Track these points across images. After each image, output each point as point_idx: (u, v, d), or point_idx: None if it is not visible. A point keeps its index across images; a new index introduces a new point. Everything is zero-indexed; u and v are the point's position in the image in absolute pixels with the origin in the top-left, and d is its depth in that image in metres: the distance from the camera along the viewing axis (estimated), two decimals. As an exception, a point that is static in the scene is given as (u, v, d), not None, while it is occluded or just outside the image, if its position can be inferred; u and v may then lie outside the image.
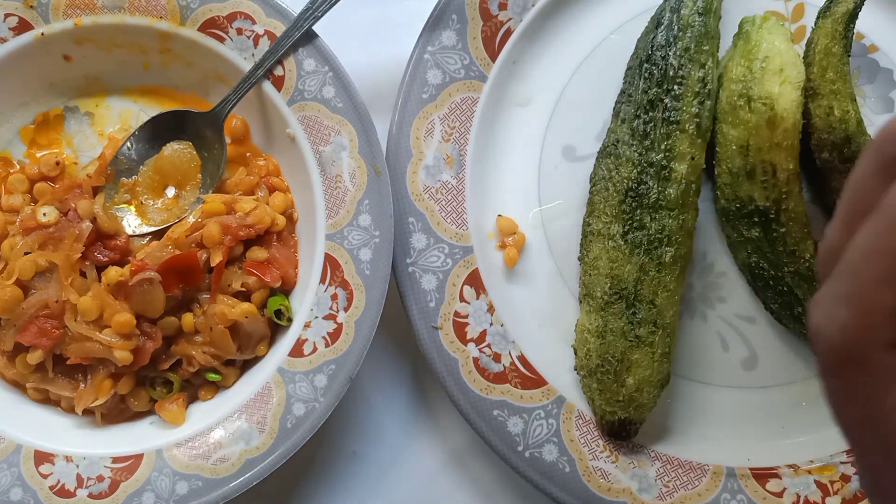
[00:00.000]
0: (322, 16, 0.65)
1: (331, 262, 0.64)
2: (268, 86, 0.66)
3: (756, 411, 0.68)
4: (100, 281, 0.63)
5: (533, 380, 0.67)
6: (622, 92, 0.68)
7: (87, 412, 0.65)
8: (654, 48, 0.65)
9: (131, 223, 0.67)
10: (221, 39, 0.66)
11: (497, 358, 0.67)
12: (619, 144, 0.66)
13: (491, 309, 0.68)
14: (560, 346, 0.69)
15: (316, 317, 0.64)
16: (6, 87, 0.68)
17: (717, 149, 0.66)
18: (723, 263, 0.70)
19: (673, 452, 0.66)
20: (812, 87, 0.65)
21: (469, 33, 0.69)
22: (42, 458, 0.63)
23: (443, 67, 0.68)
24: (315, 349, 0.64)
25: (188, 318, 0.64)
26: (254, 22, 0.66)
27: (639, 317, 0.63)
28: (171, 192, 0.68)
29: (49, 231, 0.64)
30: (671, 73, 0.64)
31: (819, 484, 0.65)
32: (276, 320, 0.66)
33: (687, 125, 0.63)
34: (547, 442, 0.65)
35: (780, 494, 0.65)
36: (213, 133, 0.68)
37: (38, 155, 0.70)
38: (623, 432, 0.65)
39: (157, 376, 0.66)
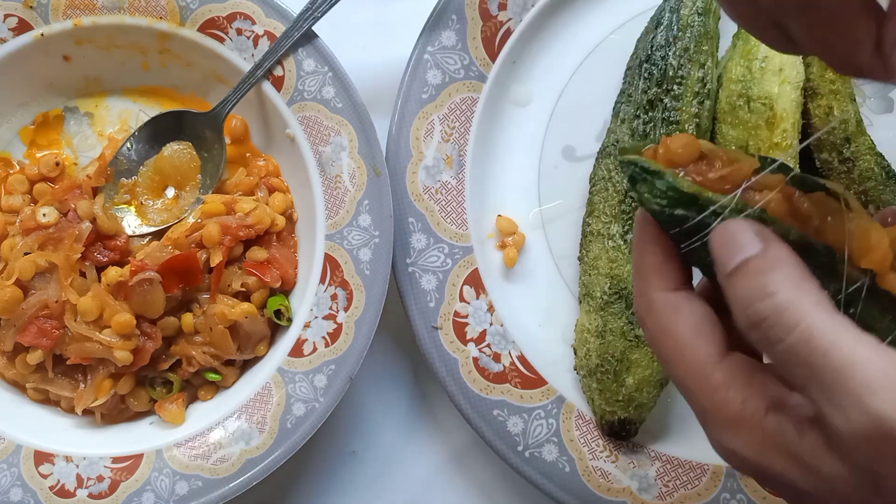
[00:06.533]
0: (322, 16, 0.65)
1: (331, 262, 0.64)
2: (267, 86, 0.66)
3: (756, 411, 0.68)
4: (100, 281, 0.64)
5: (533, 380, 0.67)
6: (622, 92, 0.68)
7: (87, 412, 0.65)
8: (654, 48, 0.65)
9: (131, 223, 0.67)
10: (221, 40, 0.66)
11: (497, 358, 0.67)
12: (618, 144, 0.66)
13: (491, 309, 0.68)
14: (560, 346, 0.69)
15: (316, 317, 0.64)
16: (6, 87, 0.68)
17: (716, 149, 0.66)
18: (722, 263, 0.69)
19: (673, 452, 0.66)
20: (811, 86, 0.65)
21: (469, 33, 0.69)
22: (42, 458, 0.63)
23: (442, 67, 0.68)
24: (315, 349, 0.64)
25: (188, 319, 0.64)
26: (253, 22, 0.66)
27: (638, 317, 0.63)
28: (170, 192, 0.68)
29: (49, 231, 0.64)
30: (671, 73, 0.64)
31: (819, 484, 0.65)
32: (275, 320, 0.66)
33: (687, 125, 0.63)
34: (547, 442, 0.65)
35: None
36: (213, 133, 0.68)
37: (38, 155, 0.70)
38: (623, 432, 0.65)
39: (157, 376, 0.66)
